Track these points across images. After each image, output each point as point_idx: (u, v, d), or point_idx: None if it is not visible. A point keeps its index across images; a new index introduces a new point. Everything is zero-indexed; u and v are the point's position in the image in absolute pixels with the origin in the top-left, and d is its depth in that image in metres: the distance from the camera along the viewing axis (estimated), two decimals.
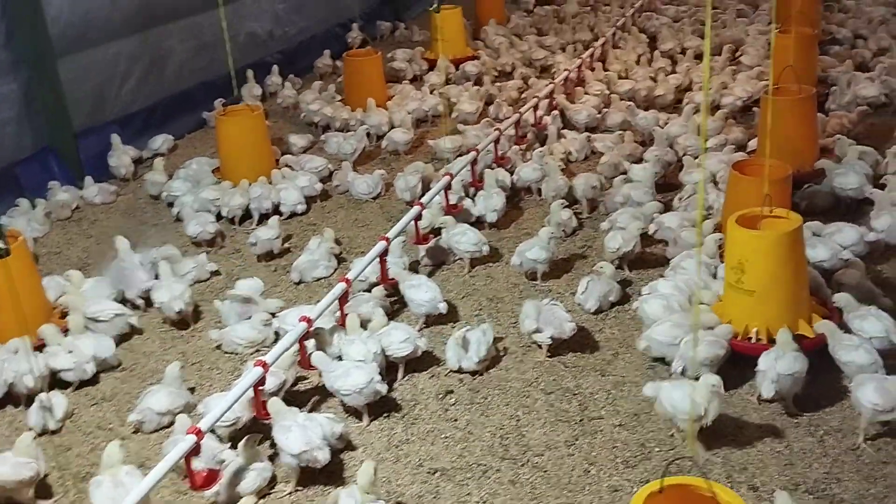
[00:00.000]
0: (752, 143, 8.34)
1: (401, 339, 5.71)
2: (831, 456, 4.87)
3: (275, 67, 11.70)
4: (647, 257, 7.01)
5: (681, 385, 4.89)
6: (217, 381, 5.96)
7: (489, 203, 7.68)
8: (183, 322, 6.61)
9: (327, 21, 13.35)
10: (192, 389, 5.77)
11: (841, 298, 5.70)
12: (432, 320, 6.33)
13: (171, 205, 8.38)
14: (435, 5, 8.30)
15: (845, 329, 5.50)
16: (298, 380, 5.81)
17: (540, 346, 5.91)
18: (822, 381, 5.39)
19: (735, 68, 10.86)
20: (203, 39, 10.74)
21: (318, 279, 7.08)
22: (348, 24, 13.34)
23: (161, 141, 9.91)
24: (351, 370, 5.37)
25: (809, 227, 6.45)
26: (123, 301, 6.74)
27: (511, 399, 5.56)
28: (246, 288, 6.59)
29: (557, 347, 5.93)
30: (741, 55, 11.36)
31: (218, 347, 6.25)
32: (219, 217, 8.04)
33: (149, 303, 6.75)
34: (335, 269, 7.19)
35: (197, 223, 7.72)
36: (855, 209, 7.35)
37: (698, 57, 11.67)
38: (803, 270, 5.64)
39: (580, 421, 5.31)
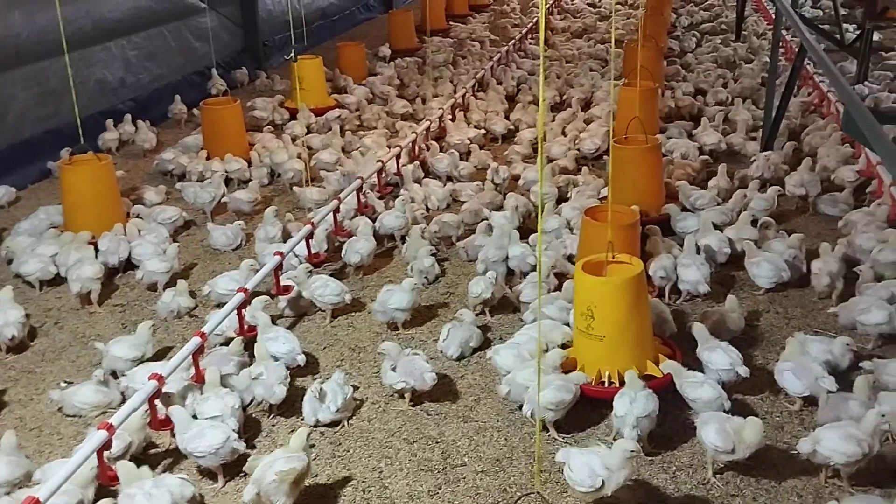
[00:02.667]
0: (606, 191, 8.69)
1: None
2: (683, 491, 5.03)
3: (128, 116, 11.33)
4: (507, 302, 7.11)
5: (586, 452, 4.75)
6: (58, 447, 5.57)
7: (353, 246, 7.66)
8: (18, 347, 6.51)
9: (183, 69, 13.08)
10: (30, 457, 5.35)
11: (695, 327, 6.00)
12: (292, 372, 6.17)
13: (10, 262, 7.85)
14: (292, 54, 8.27)
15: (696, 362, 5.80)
16: (151, 445, 5.50)
17: (402, 396, 5.86)
18: (673, 419, 5.59)
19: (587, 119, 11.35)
20: (49, 86, 10.30)
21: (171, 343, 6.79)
22: (206, 72, 13.10)
23: (2, 193, 9.34)
24: (206, 430, 5.13)
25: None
26: None
27: (373, 450, 5.46)
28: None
29: (420, 395, 5.89)
30: (593, 107, 11.88)
31: (59, 410, 5.86)
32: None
33: None
34: (191, 308, 7.02)
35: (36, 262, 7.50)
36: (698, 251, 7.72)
37: (554, 108, 12.13)
38: (648, 313, 5.86)
39: (443, 469, 5.27)
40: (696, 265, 6.96)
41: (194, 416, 5.38)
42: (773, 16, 11.33)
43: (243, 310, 6.52)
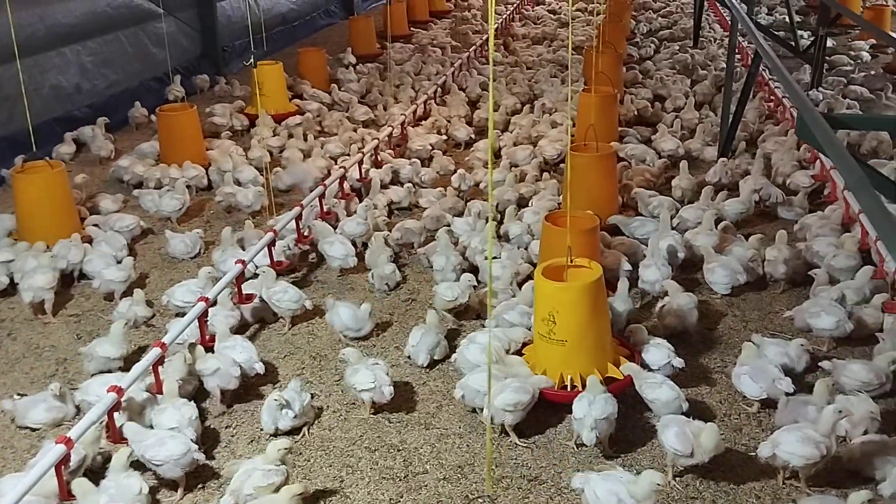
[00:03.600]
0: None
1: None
2: None
3: (101, 119, 11.17)
4: (470, 308, 7.09)
5: (610, 479, 4.68)
6: (11, 461, 5.44)
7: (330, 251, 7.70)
8: None
9: (141, 75, 12.91)
10: None
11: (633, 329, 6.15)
12: (251, 382, 6.11)
13: None
14: (251, 60, 8.18)
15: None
16: (107, 459, 5.39)
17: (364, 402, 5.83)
18: (633, 423, 5.63)
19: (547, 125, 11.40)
20: (2, 92, 10.09)
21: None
22: (164, 78, 12.94)
23: None
24: (165, 439, 5.07)
25: None
26: None
27: (334, 459, 5.41)
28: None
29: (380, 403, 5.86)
30: (554, 113, 11.94)
31: (12, 421, 5.72)
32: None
33: None
34: (148, 318, 6.93)
35: None
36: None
37: (513, 113, 12.16)
38: (607, 316, 5.91)
39: (405, 477, 5.24)
40: (656, 265, 7.05)
41: (151, 427, 5.30)
42: (730, 22, 11.49)
43: (205, 319, 6.44)
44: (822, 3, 12.41)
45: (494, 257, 7.55)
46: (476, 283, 7.07)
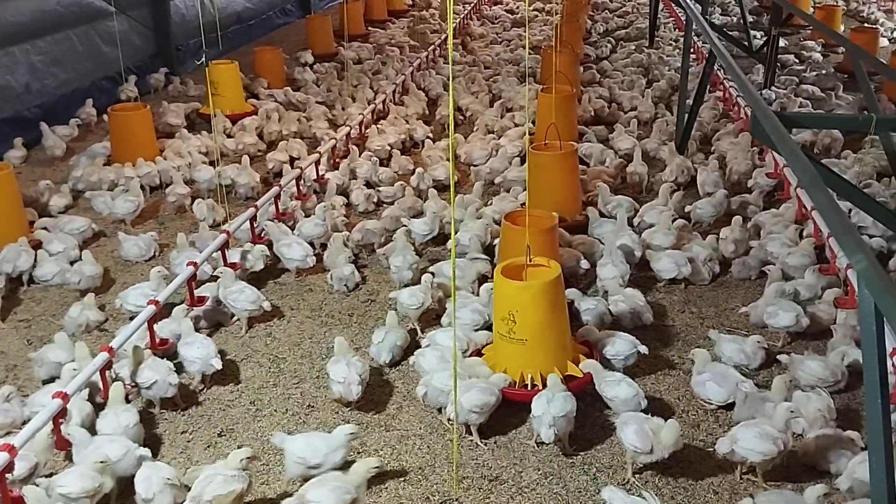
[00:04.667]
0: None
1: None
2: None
3: (73, 121, 11.02)
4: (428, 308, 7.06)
5: (631, 501, 4.65)
6: None
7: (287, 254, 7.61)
8: None
9: (92, 74, 12.64)
10: None
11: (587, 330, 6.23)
12: (212, 382, 6.01)
13: None
14: (202, 59, 8.02)
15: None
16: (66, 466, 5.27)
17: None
18: (593, 421, 5.64)
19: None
20: None
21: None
22: (116, 78, 12.70)
23: None
24: (105, 443, 4.98)
25: None
26: None
27: None
28: None
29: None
30: (513, 113, 11.95)
31: None
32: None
33: None
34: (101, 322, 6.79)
35: None
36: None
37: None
38: (566, 314, 5.91)
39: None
40: (612, 263, 7.09)
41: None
42: (685, 22, 11.61)
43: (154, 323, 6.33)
44: (774, 4, 12.60)
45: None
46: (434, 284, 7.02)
